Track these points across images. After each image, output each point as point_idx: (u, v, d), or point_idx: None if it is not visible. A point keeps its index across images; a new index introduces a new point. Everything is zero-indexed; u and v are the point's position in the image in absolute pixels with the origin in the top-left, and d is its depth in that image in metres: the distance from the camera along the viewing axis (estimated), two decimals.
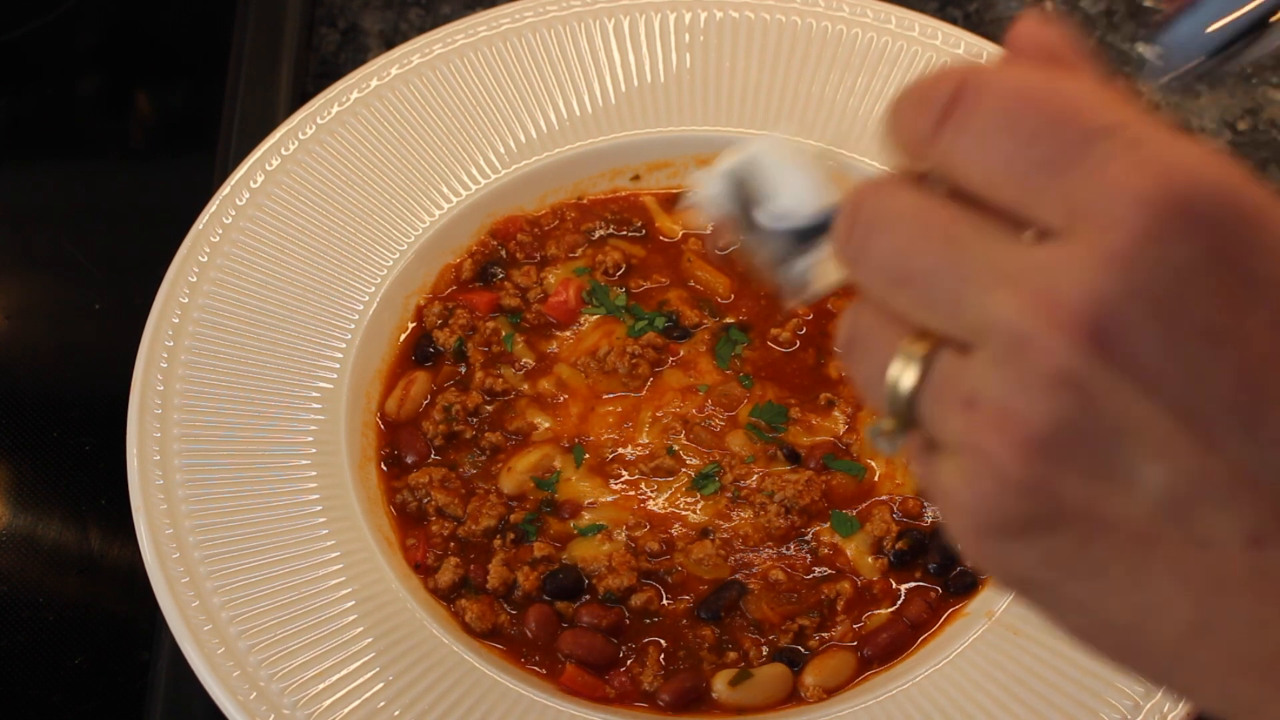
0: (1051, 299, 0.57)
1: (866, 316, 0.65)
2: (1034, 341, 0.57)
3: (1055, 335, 0.56)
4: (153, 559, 1.16)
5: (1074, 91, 0.59)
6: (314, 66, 1.69)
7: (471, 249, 1.41)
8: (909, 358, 0.62)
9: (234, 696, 1.10)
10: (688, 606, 1.21)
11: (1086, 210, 0.57)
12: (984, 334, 0.59)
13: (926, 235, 0.61)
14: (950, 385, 0.61)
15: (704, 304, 1.37)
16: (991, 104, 0.59)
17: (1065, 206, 0.58)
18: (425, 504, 1.27)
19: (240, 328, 1.30)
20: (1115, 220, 0.56)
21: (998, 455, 0.58)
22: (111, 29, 1.77)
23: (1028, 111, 0.59)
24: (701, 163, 1.46)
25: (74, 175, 1.65)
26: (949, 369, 0.61)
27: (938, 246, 0.60)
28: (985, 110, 0.60)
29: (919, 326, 0.62)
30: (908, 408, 0.62)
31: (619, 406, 1.31)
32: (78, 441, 1.40)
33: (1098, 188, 0.57)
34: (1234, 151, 1.61)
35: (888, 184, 0.63)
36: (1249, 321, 0.56)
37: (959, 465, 0.61)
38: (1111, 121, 0.58)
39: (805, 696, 1.17)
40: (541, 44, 1.47)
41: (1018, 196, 0.59)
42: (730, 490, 1.26)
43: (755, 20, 1.47)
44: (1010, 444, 0.58)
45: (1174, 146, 0.57)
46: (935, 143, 0.61)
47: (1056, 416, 0.57)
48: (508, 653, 1.19)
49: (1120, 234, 0.56)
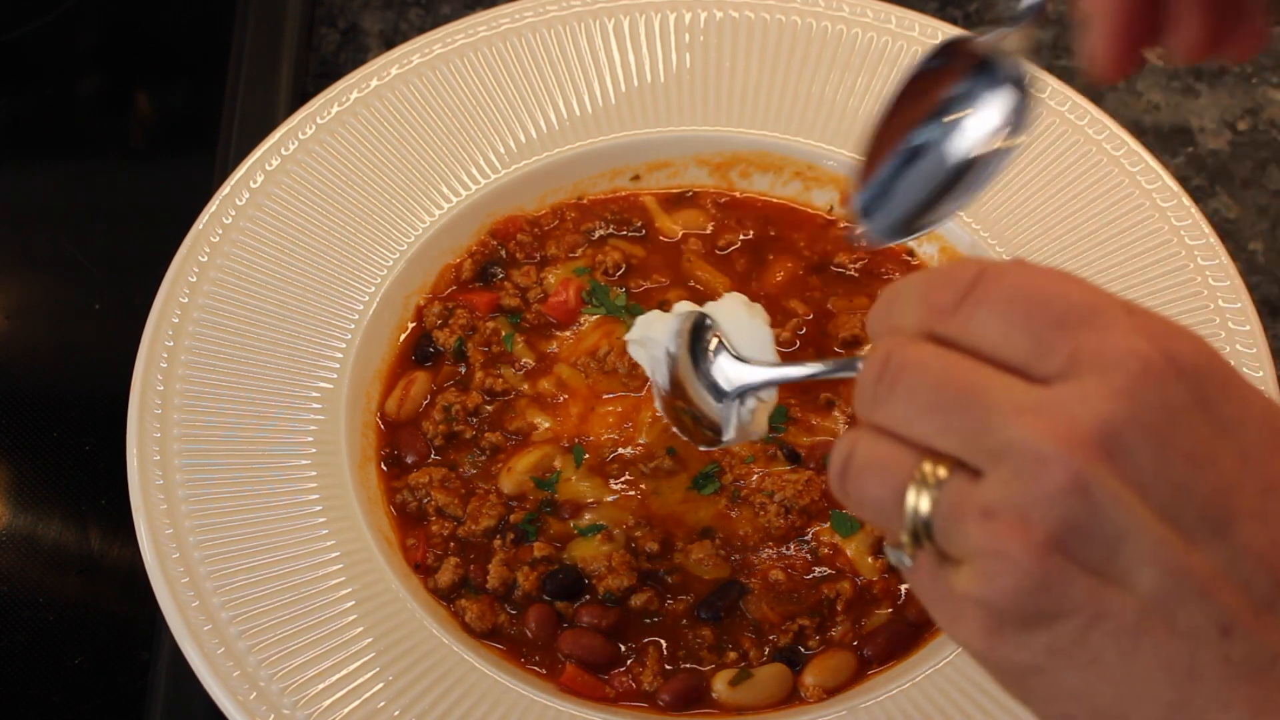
0: (1067, 423, 0.70)
1: (880, 447, 0.76)
2: (1051, 457, 0.69)
3: (1070, 451, 0.69)
4: (153, 559, 1.16)
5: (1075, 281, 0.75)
6: (314, 66, 1.69)
7: (471, 249, 1.41)
8: (926, 482, 0.74)
9: (234, 696, 1.10)
10: (688, 606, 1.21)
11: (1093, 359, 0.71)
12: (1003, 455, 0.71)
13: (954, 376, 0.74)
14: (966, 502, 0.72)
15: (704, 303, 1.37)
16: (1009, 283, 0.74)
17: (1070, 358, 0.72)
18: (425, 504, 1.27)
19: (240, 328, 1.30)
20: (1118, 366, 0.70)
21: (1017, 555, 0.70)
22: (111, 29, 1.77)
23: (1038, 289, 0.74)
24: (702, 162, 1.46)
25: (74, 175, 1.65)
26: (961, 489, 0.72)
27: (965, 385, 0.73)
28: (1003, 288, 0.74)
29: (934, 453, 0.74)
30: (925, 526, 0.74)
31: (619, 406, 1.31)
32: (78, 441, 1.40)
33: (1100, 343, 0.71)
34: (1234, 151, 1.61)
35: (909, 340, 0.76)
36: (1220, 451, 0.71)
37: (977, 569, 0.72)
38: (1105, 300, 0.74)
39: (805, 696, 1.17)
40: (541, 44, 1.47)
41: (1027, 351, 0.73)
42: (730, 490, 1.26)
43: (755, 20, 1.48)
44: (1029, 544, 0.69)
45: (1158, 319, 0.73)
46: (957, 313, 0.75)
47: (1070, 519, 0.69)
48: (508, 653, 1.19)
49: (1123, 376, 0.70)
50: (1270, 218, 1.57)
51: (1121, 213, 1.35)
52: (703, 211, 1.45)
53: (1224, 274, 1.30)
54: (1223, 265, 1.31)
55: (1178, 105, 1.65)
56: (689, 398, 1.10)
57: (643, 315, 1.17)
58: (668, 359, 1.12)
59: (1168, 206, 1.35)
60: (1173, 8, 0.91)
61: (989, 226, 1.37)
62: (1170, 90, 1.66)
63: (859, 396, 0.78)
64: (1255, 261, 1.54)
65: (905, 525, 0.75)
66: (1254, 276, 1.52)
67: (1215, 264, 1.31)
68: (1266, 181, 1.59)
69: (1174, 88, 1.66)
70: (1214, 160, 1.61)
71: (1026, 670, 0.73)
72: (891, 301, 0.80)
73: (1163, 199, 1.35)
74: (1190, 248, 1.32)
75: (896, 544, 0.75)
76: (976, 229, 1.37)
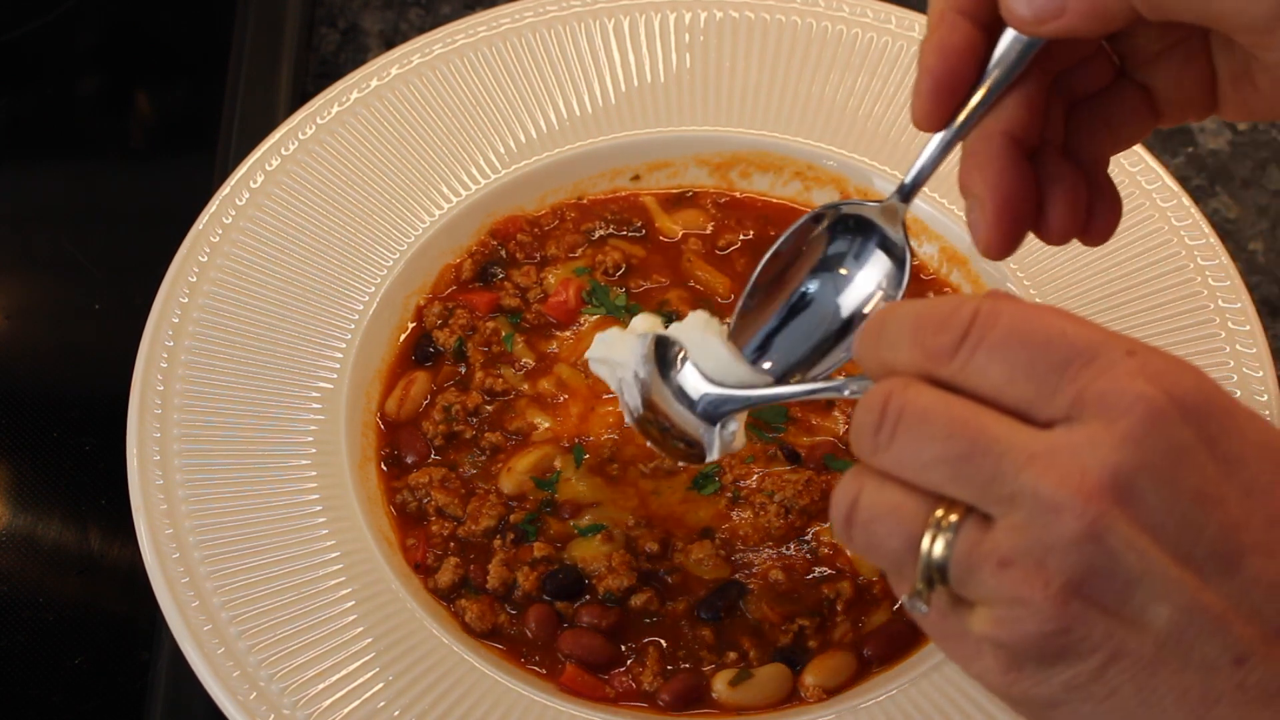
0: (1079, 470, 0.72)
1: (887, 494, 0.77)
2: (1065, 505, 0.71)
3: (1085, 500, 0.71)
4: (153, 559, 1.16)
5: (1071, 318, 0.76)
6: (314, 66, 1.69)
7: (471, 249, 1.41)
8: (940, 528, 0.75)
9: (234, 696, 1.10)
10: (688, 606, 1.21)
11: (1097, 403, 0.73)
12: (1015, 502, 0.73)
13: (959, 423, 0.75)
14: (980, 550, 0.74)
15: (704, 304, 1.37)
16: (1006, 324, 0.75)
17: (1074, 400, 0.73)
18: (425, 504, 1.27)
19: (240, 328, 1.30)
20: (1124, 411, 0.72)
21: (1037, 602, 0.72)
22: (111, 29, 1.77)
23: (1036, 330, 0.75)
24: (702, 162, 1.46)
25: (74, 175, 1.65)
26: (974, 536, 0.75)
27: (972, 433, 0.74)
28: (1000, 329, 0.75)
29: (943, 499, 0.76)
30: (939, 572, 0.76)
31: (617, 405, 1.31)
32: (78, 441, 1.41)
33: (1104, 386, 0.73)
34: (1234, 151, 1.61)
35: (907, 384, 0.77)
36: (1226, 489, 0.73)
37: (996, 614, 0.74)
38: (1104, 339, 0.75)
39: (805, 696, 1.17)
40: (541, 44, 1.47)
41: (1031, 395, 0.74)
42: (730, 490, 1.26)
43: (755, 20, 1.48)
44: (1048, 592, 0.72)
45: (1160, 357, 0.75)
46: (955, 356, 0.76)
47: (1086, 565, 0.72)
48: (508, 653, 1.19)
49: (1130, 421, 0.72)
50: (1270, 218, 1.57)
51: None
52: (703, 211, 1.45)
53: (1224, 274, 1.30)
54: (1223, 265, 1.31)
55: None
56: (663, 415, 1.11)
57: (601, 334, 1.17)
58: (638, 383, 1.13)
59: (1168, 206, 1.35)
60: (1046, 199, 0.96)
61: None
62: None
63: (857, 439, 0.79)
64: (1255, 261, 1.54)
65: (920, 572, 0.76)
66: (1254, 276, 1.52)
67: (1215, 264, 1.31)
68: (1266, 181, 1.59)
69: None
70: (1214, 160, 1.61)
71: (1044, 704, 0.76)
72: (879, 335, 0.80)
73: (1163, 199, 1.35)
74: (1190, 248, 1.32)
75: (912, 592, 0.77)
76: None
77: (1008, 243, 0.96)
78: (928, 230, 1.40)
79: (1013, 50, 0.93)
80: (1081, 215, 0.99)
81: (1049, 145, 0.98)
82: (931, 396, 0.76)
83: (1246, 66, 0.93)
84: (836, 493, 0.80)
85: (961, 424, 0.75)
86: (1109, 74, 0.99)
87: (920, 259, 1.41)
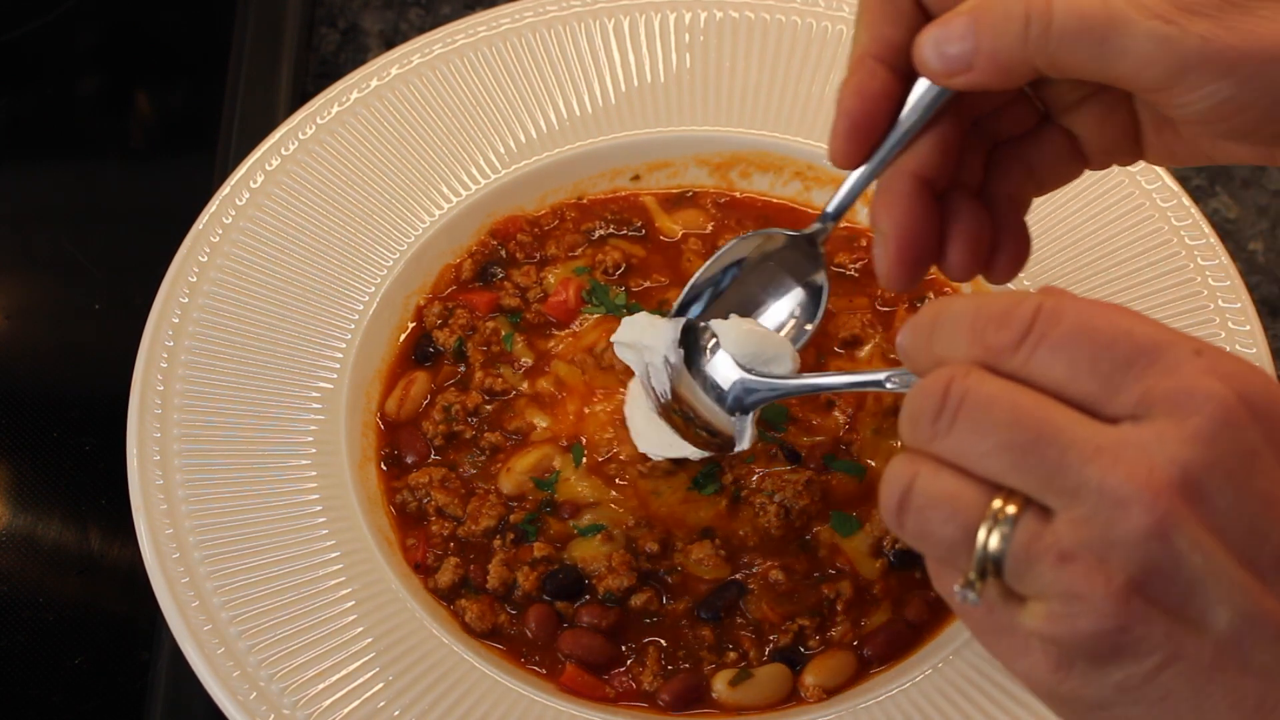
0: (1146, 466, 0.70)
1: (944, 481, 0.76)
2: (1132, 502, 0.70)
3: (1152, 497, 0.70)
4: (153, 559, 1.16)
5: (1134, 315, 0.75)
6: (314, 66, 1.69)
7: (471, 249, 1.41)
8: (997, 519, 0.74)
9: (234, 696, 1.10)
10: (688, 606, 1.21)
11: (1166, 401, 0.72)
12: (1079, 495, 0.71)
13: (1023, 412, 0.73)
14: (1040, 543, 0.73)
15: None
16: (1070, 320, 0.74)
17: (1141, 398, 0.72)
18: (425, 504, 1.27)
19: (240, 328, 1.30)
20: (1194, 409, 0.71)
21: (1097, 598, 0.71)
22: (111, 29, 1.77)
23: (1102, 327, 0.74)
24: (702, 163, 1.46)
25: (74, 175, 1.65)
26: (1034, 529, 0.73)
27: (1036, 422, 0.73)
28: (1065, 325, 0.74)
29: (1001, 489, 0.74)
30: (995, 564, 0.74)
31: (616, 403, 1.31)
32: (78, 441, 1.41)
33: (1174, 384, 0.72)
34: None
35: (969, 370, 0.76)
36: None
37: (1053, 609, 0.73)
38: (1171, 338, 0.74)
39: (805, 696, 1.17)
40: (541, 44, 1.47)
41: (1097, 391, 0.73)
42: (730, 490, 1.26)
43: (755, 20, 1.48)
44: (1109, 588, 0.71)
45: (1228, 358, 0.73)
46: (1017, 352, 0.75)
47: (1150, 563, 0.70)
48: (508, 653, 1.19)
49: (1200, 420, 0.71)
50: (1270, 218, 1.57)
51: (1121, 213, 1.35)
52: (703, 211, 1.45)
53: (1224, 274, 1.30)
54: (1223, 265, 1.31)
55: None
56: (688, 404, 1.11)
57: (629, 318, 1.20)
58: (667, 368, 1.13)
59: (1168, 206, 1.35)
60: (949, 238, 0.99)
61: None
62: None
63: (911, 425, 0.77)
64: (1255, 261, 1.54)
65: (974, 563, 0.75)
66: (1254, 276, 1.52)
67: (1215, 264, 1.31)
68: (1266, 181, 1.59)
69: None
70: None
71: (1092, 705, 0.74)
72: (933, 329, 0.79)
73: (1163, 199, 1.35)
74: (1190, 248, 1.32)
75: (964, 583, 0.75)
76: None
77: (907, 277, 0.99)
78: None
79: (926, 97, 0.96)
80: (982, 256, 1.01)
81: (961, 186, 1.01)
82: (995, 384, 0.75)
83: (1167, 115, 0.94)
84: (887, 477, 0.78)
85: (1026, 413, 0.73)
86: (1032, 119, 1.02)
87: None
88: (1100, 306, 0.75)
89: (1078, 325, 0.74)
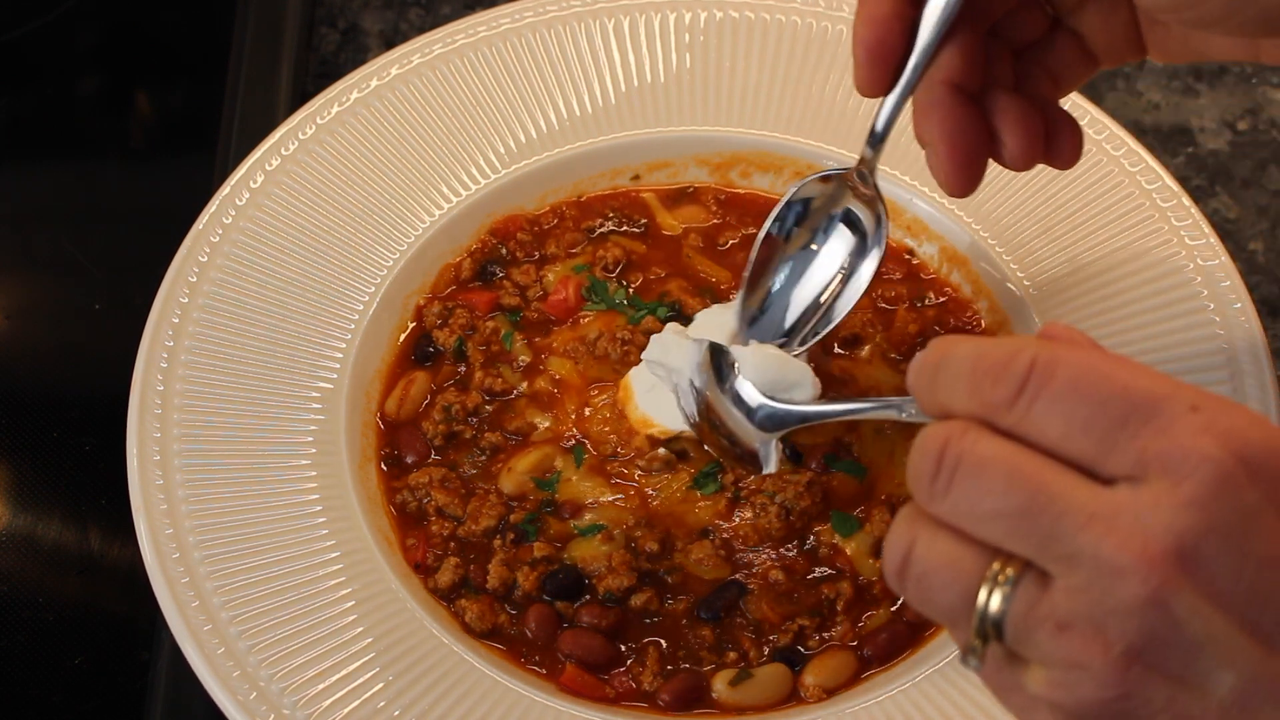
0: (1143, 536, 0.70)
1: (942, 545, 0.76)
2: (1128, 571, 0.69)
3: (1148, 566, 0.69)
4: (153, 559, 1.16)
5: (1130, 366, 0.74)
6: (314, 66, 1.69)
7: (471, 248, 1.41)
8: (996, 584, 0.74)
9: (234, 696, 1.10)
10: (688, 606, 1.21)
11: (1161, 462, 0.71)
12: (1075, 563, 0.71)
13: (1019, 478, 0.73)
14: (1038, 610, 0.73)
15: (706, 291, 1.37)
16: (1064, 376, 0.73)
17: (1136, 458, 0.71)
18: (425, 504, 1.27)
19: (240, 328, 1.30)
20: (1189, 472, 0.70)
21: (1096, 668, 0.71)
22: (111, 29, 1.77)
23: (1096, 382, 0.72)
24: (702, 163, 1.46)
25: (74, 175, 1.65)
26: (1032, 593, 0.73)
27: (1032, 488, 0.72)
28: (1059, 381, 0.73)
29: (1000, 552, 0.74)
30: (995, 627, 0.74)
31: (614, 396, 1.31)
32: (78, 441, 1.40)
33: (1168, 445, 0.71)
34: (1234, 151, 1.61)
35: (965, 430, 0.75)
36: None
37: (1054, 677, 0.73)
38: (1167, 391, 0.72)
39: (805, 696, 1.17)
40: (541, 44, 1.47)
41: (1092, 450, 0.72)
42: (730, 490, 1.26)
43: (755, 20, 1.48)
44: (1108, 658, 0.71)
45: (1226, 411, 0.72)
46: (1012, 409, 0.74)
47: (1148, 632, 0.70)
48: (508, 653, 1.19)
49: (1195, 483, 0.70)
50: (1270, 218, 1.57)
51: (1121, 213, 1.35)
52: (704, 208, 1.45)
53: (1224, 274, 1.30)
54: (1223, 265, 1.31)
55: (1178, 105, 1.65)
56: (720, 421, 1.13)
57: (657, 335, 1.24)
58: (693, 390, 1.15)
59: (1168, 206, 1.34)
60: (1000, 131, 1.03)
61: (989, 227, 1.37)
62: (1170, 90, 1.66)
63: (913, 483, 0.77)
64: (1255, 261, 1.54)
65: (974, 626, 0.75)
66: (1254, 276, 1.52)
67: (1215, 264, 1.31)
68: (1266, 181, 1.59)
69: (1174, 88, 1.66)
70: (1214, 160, 1.61)
71: None
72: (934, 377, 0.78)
73: (1163, 199, 1.35)
74: (1190, 248, 1.32)
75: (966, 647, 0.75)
76: (977, 229, 1.37)
77: (965, 179, 1.03)
78: (928, 230, 1.40)
79: (937, 9, 1.01)
80: (1038, 141, 1.04)
81: (997, 85, 1.04)
82: (990, 446, 0.74)
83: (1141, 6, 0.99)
84: (889, 541, 0.79)
85: (1021, 477, 0.73)
86: (1044, 24, 1.08)
87: (920, 259, 1.41)
88: (1096, 359, 0.74)
89: (1071, 381, 0.73)
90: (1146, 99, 1.65)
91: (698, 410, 1.17)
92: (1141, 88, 1.66)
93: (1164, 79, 1.67)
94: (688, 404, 1.18)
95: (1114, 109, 1.62)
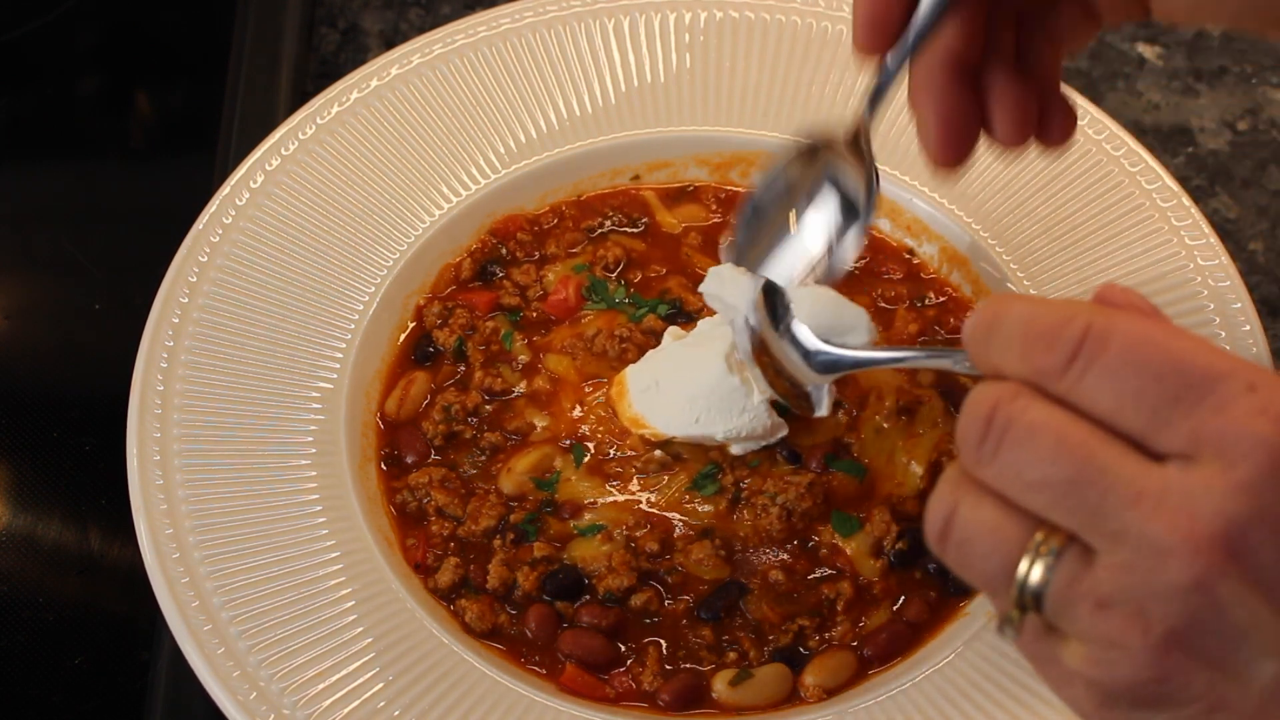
0: (1191, 518, 0.68)
1: (986, 511, 0.74)
2: (1174, 553, 0.68)
3: (1194, 549, 0.68)
4: (153, 559, 1.16)
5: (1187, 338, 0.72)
6: (314, 66, 1.69)
7: (471, 248, 1.41)
8: (1038, 555, 0.73)
9: (234, 696, 1.10)
10: (688, 606, 1.21)
11: (1215, 443, 0.69)
12: (1120, 540, 0.70)
13: (1068, 447, 0.71)
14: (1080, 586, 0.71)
15: None
16: (1119, 346, 0.71)
17: (1190, 437, 0.70)
18: (425, 504, 1.27)
19: (240, 328, 1.30)
20: (1241, 456, 0.68)
21: (1135, 649, 0.70)
22: (111, 29, 1.77)
23: (1151, 355, 0.71)
24: (702, 162, 1.46)
25: (74, 175, 1.65)
26: (1075, 570, 0.72)
27: (1080, 459, 0.71)
28: (1113, 351, 0.71)
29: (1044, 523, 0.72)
30: (1035, 598, 0.73)
31: (607, 393, 1.31)
32: (78, 441, 1.40)
33: (1223, 425, 0.69)
34: (1234, 151, 1.61)
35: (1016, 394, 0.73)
36: None
37: (1092, 654, 0.72)
38: (1226, 368, 0.70)
39: (805, 696, 1.17)
40: (541, 44, 1.47)
41: (1144, 425, 0.71)
42: (730, 491, 1.26)
43: (755, 20, 1.48)
44: (1147, 640, 0.69)
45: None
46: (1064, 376, 0.72)
47: (1191, 617, 0.69)
48: (508, 653, 1.19)
49: (1247, 468, 0.68)
50: (1270, 218, 1.57)
51: (1121, 213, 1.35)
52: (703, 206, 1.45)
53: (1224, 274, 1.30)
54: (1223, 265, 1.31)
55: (1178, 105, 1.65)
56: (776, 360, 1.12)
57: (715, 268, 1.20)
58: (748, 328, 1.15)
59: (1168, 206, 1.35)
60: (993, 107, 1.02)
61: (989, 226, 1.37)
62: (1170, 90, 1.66)
63: (961, 444, 0.76)
64: (1255, 261, 1.54)
65: (1014, 596, 0.74)
66: (1254, 276, 1.52)
67: (1215, 264, 1.31)
68: (1266, 181, 1.59)
69: (1174, 88, 1.66)
70: (1214, 160, 1.61)
71: None
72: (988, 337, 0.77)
73: (1163, 199, 1.35)
74: (1190, 248, 1.32)
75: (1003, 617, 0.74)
76: (977, 229, 1.37)
77: (953, 154, 1.02)
78: (928, 230, 1.40)
79: None
80: (1029, 121, 1.03)
81: (995, 60, 1.03)
82: (1040, 412, 0.73)
83: None
84: (932, 503, 0.77)
85: (1069, 447, 0.71)
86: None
87: (920, 259, 1.41)
88: (1152, 328, 0.72)
89: (1125, 351, 0.71)
90: (1146, 99, 1.65)
91: (751, 348, 1.15)
92: (1141, 88, 1.66)
93: (1164, 79, 1.67)
94: (741, 342, 1.16)
95: (1114, 109, 1.62)
